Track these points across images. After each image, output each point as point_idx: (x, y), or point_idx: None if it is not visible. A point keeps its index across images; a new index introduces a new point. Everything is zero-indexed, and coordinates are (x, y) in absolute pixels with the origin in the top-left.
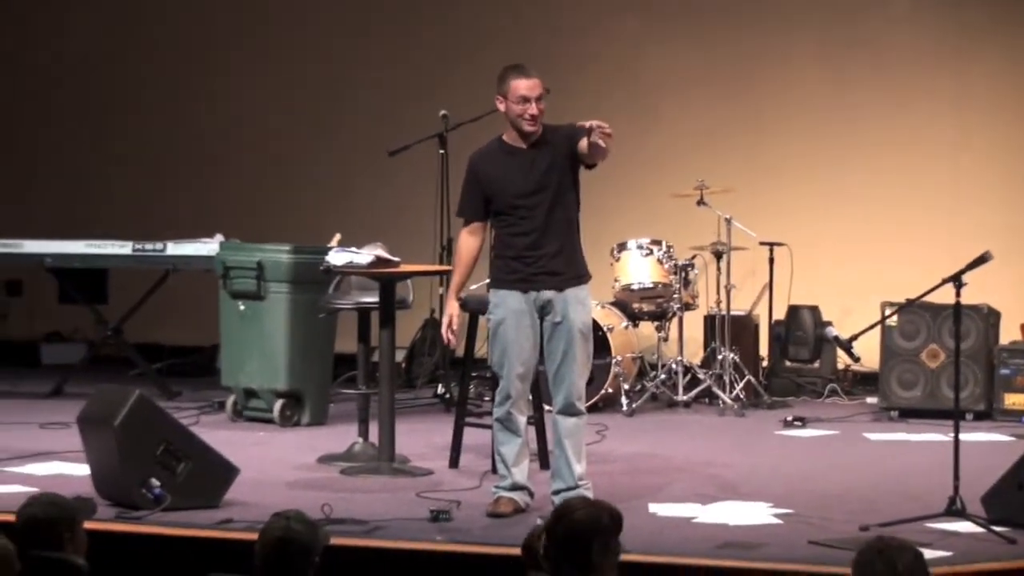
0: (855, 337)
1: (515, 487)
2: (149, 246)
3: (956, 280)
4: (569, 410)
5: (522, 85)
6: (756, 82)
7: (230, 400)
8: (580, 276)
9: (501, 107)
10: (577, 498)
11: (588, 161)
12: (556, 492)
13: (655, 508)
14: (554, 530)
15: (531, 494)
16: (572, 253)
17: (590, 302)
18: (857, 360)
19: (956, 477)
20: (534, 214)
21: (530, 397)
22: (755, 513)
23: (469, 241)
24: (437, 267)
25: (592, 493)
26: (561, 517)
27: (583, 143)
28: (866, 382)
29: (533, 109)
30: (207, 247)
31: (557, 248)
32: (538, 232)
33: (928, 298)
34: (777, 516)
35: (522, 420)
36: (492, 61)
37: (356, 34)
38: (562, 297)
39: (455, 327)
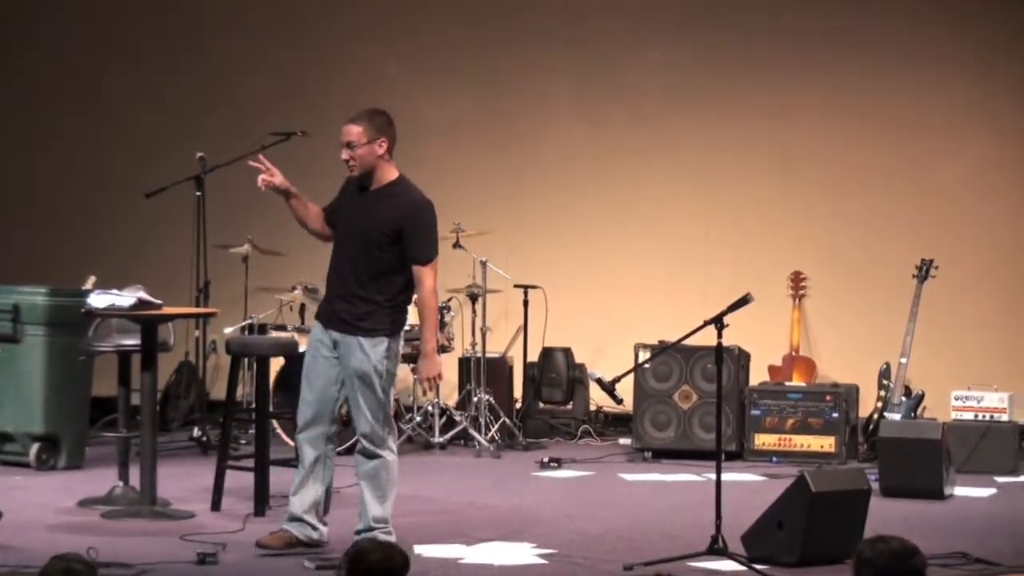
0: (618, 379)
1: (292, 518)
2: None
3: (718, 322)
4: (363, 452)
5: (343, 131)
6: (515, 128)
7: None
8: (368, 330)
9: None
10: (367, 540)
11: None
12: (356, 532)
13: (420, 549)
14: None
15: (314, 528)
16: (363, 305)
17: (373, 352)
18: (620, 402)
19: (718, 516)
20: (345, 255)
21: (329, 431)
22: (520, 553)
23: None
24: (198, 310)
25: (393, 538)
26: (357, 561)
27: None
28: (618, 423)
29: (344, 154)
30: None
31: (352, 296)
32: (342, 274)
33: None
34: (541, 556)
35: (310, 452)
36: (247, 103)
37: (115, 73)
38: (344, 340)
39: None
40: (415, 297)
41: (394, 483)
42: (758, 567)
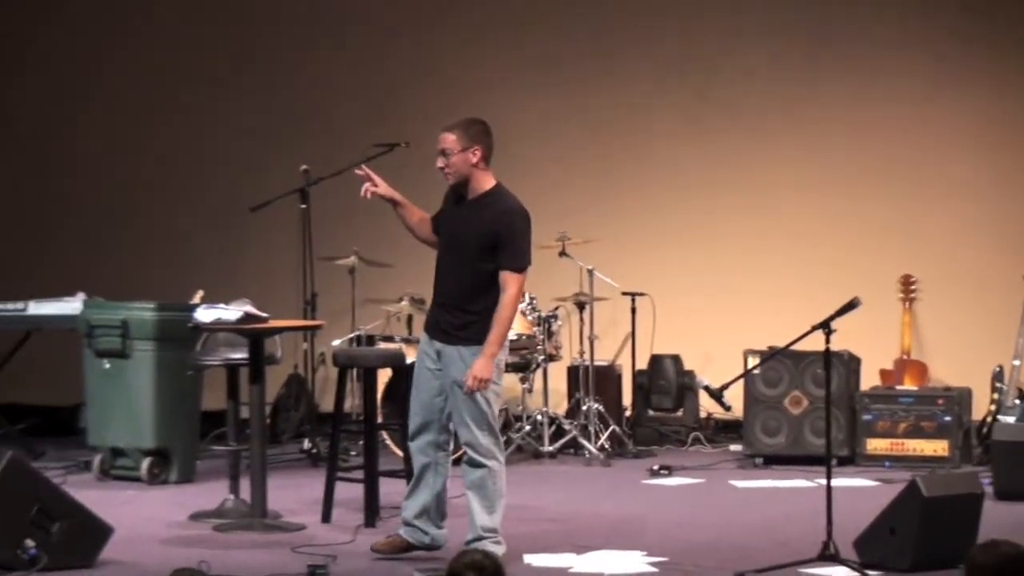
0: (726, 386)
1: (405, 523)
2: (10, 306)
3: (826, 327)
4: (468, 462)
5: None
6: (618, 134)
7: (97, 459)
8: (467, 338)
9: None
10: (473, 551)
11: None
12: (466, 542)
13: (530, 559)
14: None
15: (425, 532)
16: (463, 315)
17: (475, 360)
18: (728, 409)
19: (829, 522)
20: (446, 265)
21: (439, 440)
22: (630, 562)
23: None
24: (305, 322)
25: (503, 548)
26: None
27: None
28: (728, 429)
29: (439, 162)
30: (70, 306)
31: (453, 306)
32: (444, 284)
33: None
34: (652, 564)
35: (421, 459)
36: (351, 115)
37: (217, 86)
38: (446, 351)
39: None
40: (520, 306)
41: (502, 493)
42: (870, 573)
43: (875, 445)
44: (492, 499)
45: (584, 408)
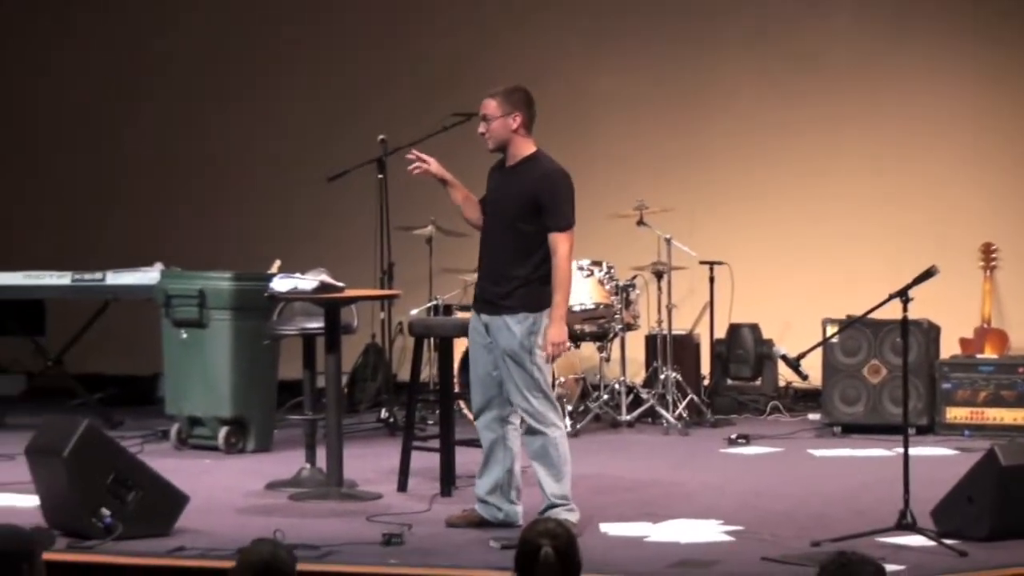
0: (803, 355)
1: (478, 499)
2: (88, 276)
3: (903, 295)
4: (527, 431)
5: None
6: (696, 101)
7: (174, 428)
8: (511, 307)
9: None
10: (546, 519)
11: None
12: (540, 512)
13: (606, 528)
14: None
15: (499, 508)
16: (508, 283)
17: (518, 329)
18: (805, 378)
19: (906, 491)
20: (487, 235)
21: (504, 413)
22: (706, 530)
23: None
24: (381, 292)
25: (576, 514)
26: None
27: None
28: (808, 399)
29: (479, 127)
30: (147, 276)
31: (496, 275)
32: (485, 255)
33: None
34: (728, 533)
35: (488, 435)
36: (429, 84)
37: (292, 59)
38: (492, 321)
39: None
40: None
41: (566, 459)
42: (947, 542)
43: (954, 414)
44: (558, 466)
45: (662, 377)
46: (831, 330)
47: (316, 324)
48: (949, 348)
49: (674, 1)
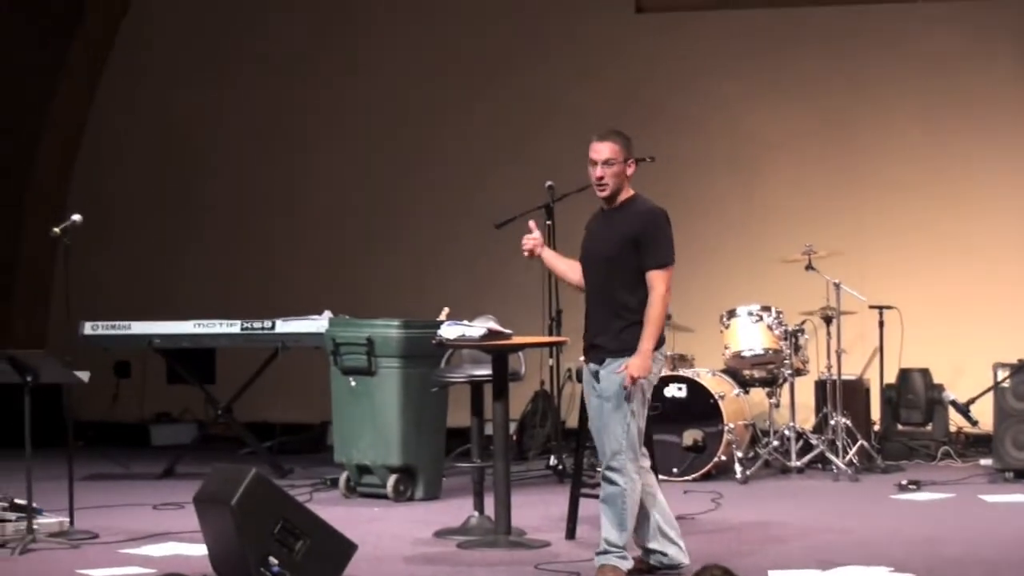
0: (972, 401)
1: (642, 549)
2: (258, 324)
3: None
4: (605, 477)
5: (592, 148)
6: (859, 143)
7: (343, 476)
8: (613, 351)
9: None
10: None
11: None
12: (596, 553)
13: (775, 574)
14: None
15: (663, 553)
16: (609, 328)
17: (618, 367)
18: (975, 424)
19: None
20: (590, 281)
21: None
22: None
23: None
24: (548, 339)
25: (628, 563)
26: None
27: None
28: (979, 444)
29: (597, 171)
30: (316, 324)
31: (599, 321)
32: (589, 302)
33: None
34: None
35: (609, 485)
36: (594, 128)
37: (458, 101)
38: (602, 369)
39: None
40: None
41: (633, 512)
42: None
43: None
44: (622, 516)
45: (832, 423)
46: (1002, 374)
47: (484, 371)
48: None
49: (833, 41)
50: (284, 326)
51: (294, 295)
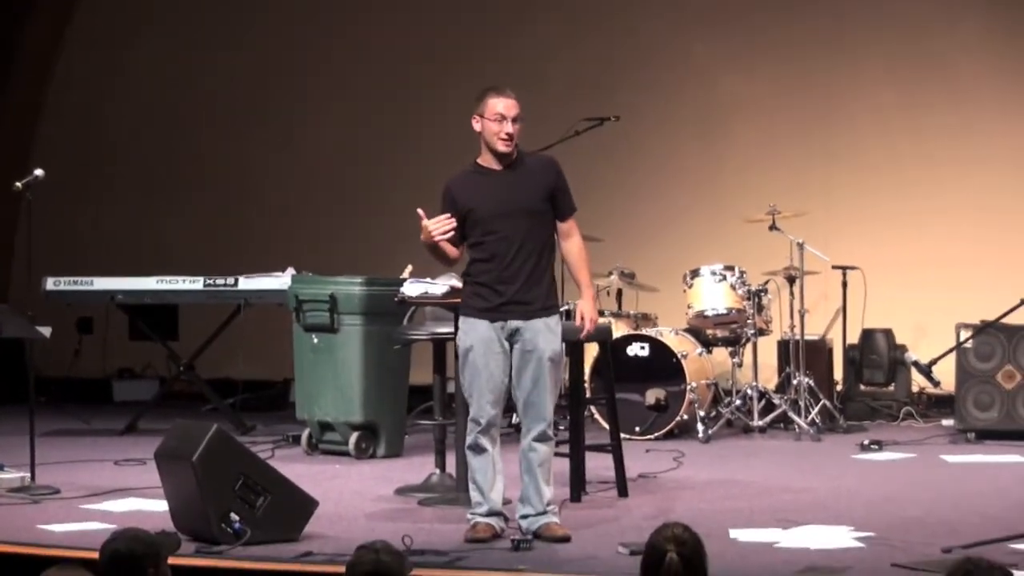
0: (934, 361)
1: (491, 512)
2: (221, 281)
3: None
4: (542, 437)
5: (499, 103)
6: (827, 106)
7: (305, 433)
8: (548, 308)
9: (477, 127)
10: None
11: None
12: (523, 517)
13: (736, 534)
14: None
15: (506, 519)
16: (540, 283)
17: (559, 329)
18: (937, 384)
19: None
20: (506, 238)
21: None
22: (837, 537)
23: None
24: None
25: (559, 518)
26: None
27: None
28: (941, 404)
29: (509, 128)
30: (279, 281)
31: (526, 277)
32: (509, 258)
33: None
34: (859, 539)
35: (493, 448)
36: (559, 89)
37: (423, 60)
38: (529, 326)
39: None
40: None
41: None
42: None
43: None
44: (551, 472)
45: (794, 382)
46: (965, 335)
47: (447, 329)
48: None
49: (810, 11)
50: (247, 283)
51: (261, 253)
